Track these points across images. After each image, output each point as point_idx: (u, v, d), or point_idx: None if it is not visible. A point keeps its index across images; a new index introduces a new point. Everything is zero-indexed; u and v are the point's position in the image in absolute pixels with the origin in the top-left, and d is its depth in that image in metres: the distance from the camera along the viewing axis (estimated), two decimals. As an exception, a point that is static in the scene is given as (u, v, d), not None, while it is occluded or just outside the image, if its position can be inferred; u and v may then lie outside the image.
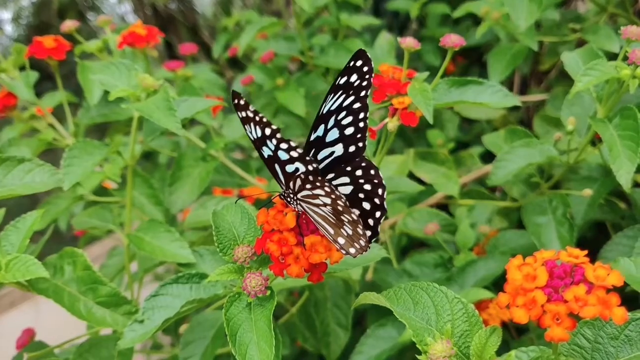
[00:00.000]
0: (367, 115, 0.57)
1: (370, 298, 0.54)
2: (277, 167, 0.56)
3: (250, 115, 0.53)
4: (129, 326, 0.66)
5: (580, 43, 1.24)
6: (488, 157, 1.23)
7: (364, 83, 0.57)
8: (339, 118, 0.57)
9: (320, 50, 1.35)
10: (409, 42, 0.76)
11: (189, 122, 1.26)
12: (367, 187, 0.56)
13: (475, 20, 1.50)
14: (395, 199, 1.16)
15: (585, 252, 0.45)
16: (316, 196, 0.53)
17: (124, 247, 0.89)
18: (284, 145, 0.53)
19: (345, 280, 0.97)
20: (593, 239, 1.18)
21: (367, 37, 1.64)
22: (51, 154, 1.09)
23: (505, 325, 0.90)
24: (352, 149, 0.58)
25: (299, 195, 0.55)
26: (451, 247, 1.04)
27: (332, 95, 0.57)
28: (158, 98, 0.75)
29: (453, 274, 0.94)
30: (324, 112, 0.58)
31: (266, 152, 0.55)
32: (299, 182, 0.55)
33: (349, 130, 0.57)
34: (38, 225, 0.75)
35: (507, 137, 1.02)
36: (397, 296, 0.54)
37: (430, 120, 0.74)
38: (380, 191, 0.56)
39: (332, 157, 0.58)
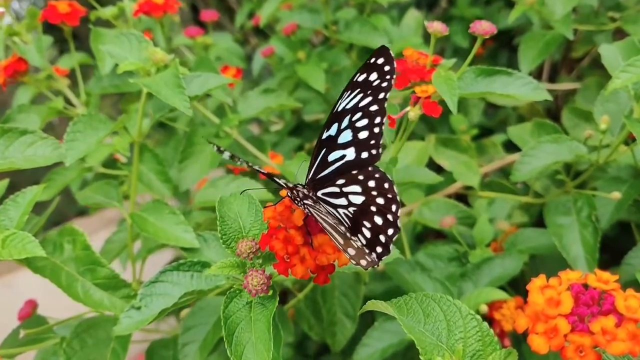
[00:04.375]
0: (384, 120, 0.52)
1: (378, 306, 0.50)
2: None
3: None
4: (125, 312, 0.63)
5: (617, 32, 1.17)
6: (511, 145, 1.18)
7: (384, 84, 0.51)
8: (353, 119, 0.53)
9: (344, 24, 1.29)
10: (436, 27, 0.71)
11: (205, 95, 1.22)
12: (380, 200, 0.51)
13: (507, 1, 1.43)
14: (413, 185, 1.11)
15: (616, 277, 0.41)
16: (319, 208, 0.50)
17: (128, 226, 0.86)
18: None
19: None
20: (615, 238, 1.14)
21: (395, 14, 1.58)
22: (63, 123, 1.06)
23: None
24: (364, 155, 0.53)
25: (304, 200, 0.51)
26: (467, 239, 1.00)
27: (348, 93, 0.53)
28: (167, 74, 0.71)
29: (467, 271, 0.91)
30: (339, 109, 0.53)
31: None
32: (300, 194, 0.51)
33: (363, 134, 0.52)
34: (40, 198, 0.73)
35: (534, 131, 0.97)
36: (407, 306, 0.50)
37: (454, 112, 0.70)
38: (394, 207, 0.50)
39: (344, 161, 0.53)
